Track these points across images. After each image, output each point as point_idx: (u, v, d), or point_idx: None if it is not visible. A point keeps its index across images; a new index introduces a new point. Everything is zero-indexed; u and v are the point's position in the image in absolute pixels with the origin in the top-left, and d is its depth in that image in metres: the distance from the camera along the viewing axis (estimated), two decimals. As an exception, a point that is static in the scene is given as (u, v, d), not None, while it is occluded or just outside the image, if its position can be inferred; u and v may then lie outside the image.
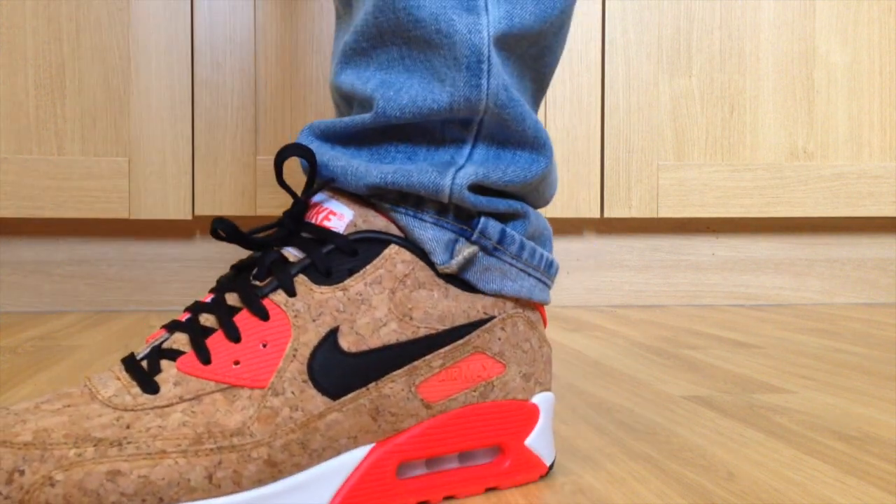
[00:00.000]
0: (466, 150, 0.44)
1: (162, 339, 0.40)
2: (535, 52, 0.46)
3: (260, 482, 0.37)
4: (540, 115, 1.29)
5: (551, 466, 0.48)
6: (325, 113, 1.26)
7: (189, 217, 1.23)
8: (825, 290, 1.38)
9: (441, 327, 0.43)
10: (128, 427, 0.36)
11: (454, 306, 0.43)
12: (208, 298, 0.42)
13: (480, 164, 0.44)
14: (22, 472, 0.34)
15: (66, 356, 0.86)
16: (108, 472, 0.35)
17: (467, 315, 0.44)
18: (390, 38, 0.43)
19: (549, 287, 0.48)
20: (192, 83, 1.24)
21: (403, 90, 0.43)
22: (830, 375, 0.76)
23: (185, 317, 0.41)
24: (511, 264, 0.45)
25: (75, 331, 1.05)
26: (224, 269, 1.29)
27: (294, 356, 0.39)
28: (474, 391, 0.44)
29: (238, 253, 1.29)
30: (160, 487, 0.35)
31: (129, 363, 0.39)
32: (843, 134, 1.34)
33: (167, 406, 0.37)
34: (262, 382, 0.39)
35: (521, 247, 0.46)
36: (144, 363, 0.39)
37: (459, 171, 0.43)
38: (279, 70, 1.26)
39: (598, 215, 1.30)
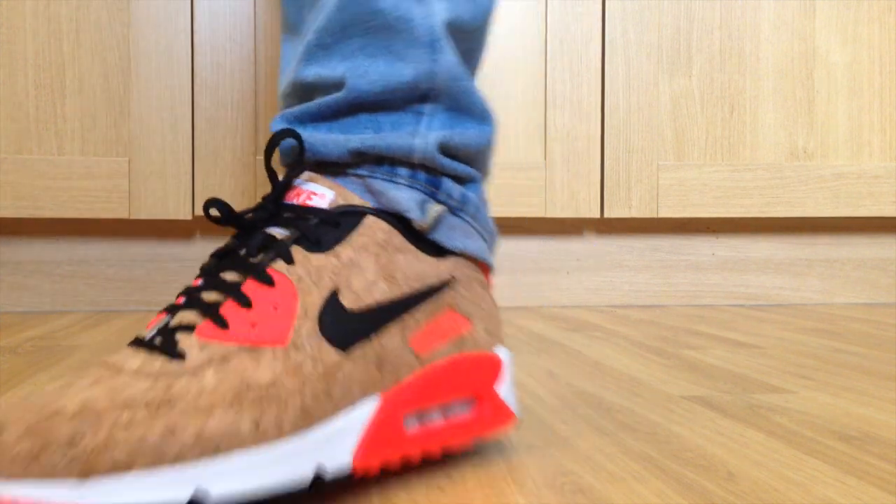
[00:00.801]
0: (429, 117, 0.50)
1: (166, 321, 0.42)
2: (466, 49, 0.53)
3: (297, 428, 0.40)
4: (540, 115, 1.29)
5: (519, 419, 0.49)
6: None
7: (189, 217, 1.23)
8: (825, 290, 1.38)
9: (418, 286, 0.47)
10: (169, 388, 0.38)
11: (426, 268, 0.48)
12: (198, 283, 0.44)
13: (443, 129, 0.50)
14: (83, 436, 0.35)
15: (66, 356, 0.86)
16: (166, 428, 0.36)
17: (437, 276, 0.48)
18: (352, 30, 0.49)
19: (493, 251, 0.54)
20: (192, 83, 1.24)
21: (371, 69, 0.49)
22: (830, 375, 0.76)
23: (181, 300, 0.43)
24: (470, 224, 0.51)
25: (75, 331, 1.05)
26: (224, 269, 1.29)
27: (306, 314, 0.43)
28: (452, 344, 0.48)
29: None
30: (215, 437, 0.37)
31: (141, 343, 0.41)
32: (843, 134, 1.34)
33: (197, 369, 0.39)
34: (282, 340, 0.41)
35: (477, 209, 0.52)
36: (157, 340, 0.41)
37: (428, 134, 0.49)
38: (279, 70, 1.26)
39: (598, 215, 1.30)
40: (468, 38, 0.53)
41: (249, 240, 0.45)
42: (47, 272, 1.26)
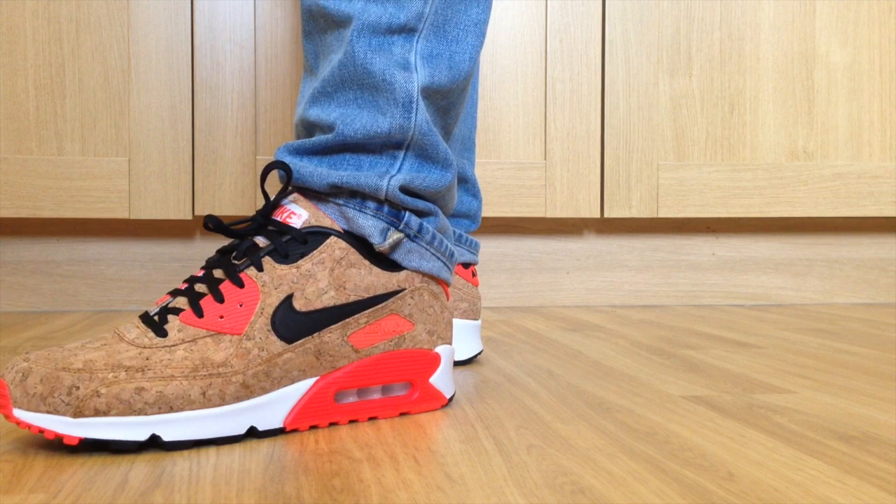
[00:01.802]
0: (398, 163, 0.62)
1: (168, 302, 0.56)
2: (445, 104, 0.64)
3: (237, 399, 0.54)
4: (540, 115, 1.29)
5: (451, 399, 0.65)
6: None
7: (189, 217, 1.23)
8: (825, 290, 1.38)
9: (366, 295, 0.60)
10: (147, 359, 0.52)
11: (376, 280, 0.60)
12: (200, 273, 0.57)
13: (407, 173, 0.62)
14: (77, 388, 0.50)
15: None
16: (136, 388, 0.51)
17: (385, 287, 0.60)
18: (349, 84, 0.61)
19: (451, 270, 0.66)
20: (192, 83, 1.24)
21: (357, 119, 0.60)
22: (830, 375, 0.76)
23: (184, 286, 0.57)
24: (426, 248, 0.63)
25: (75, 331, 1.05)
26: (224, 269, 1.29)
27: (261, 313, 0.56)
28: (391, 342, 0.61)
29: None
30: (170, 399, 0.52)
31: (145, 318, 0.55)
32: (843, 134, 1.34)
33: (173, 346, 0.53)
34: (238, 331, 0.55)
35: (433, 237, 0.63)
36: (156, 318, 0.55)
37: (393, 177, 0.61)
38: (279, 70, 1.26)
39: (598, 215, 1.30)
40: (445, 96, 0.64)
41: (241, 244, 0.58)
42: (47, 272, 1.26)
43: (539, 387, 0.72)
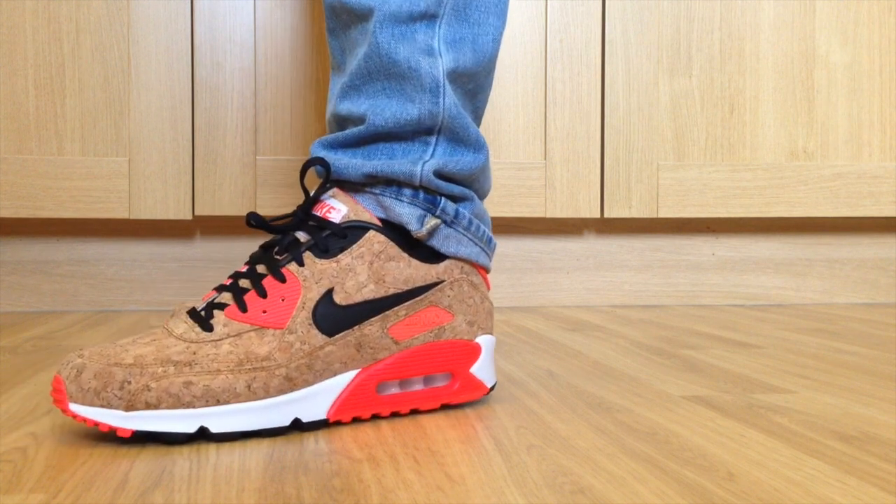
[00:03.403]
0: (430, 148, 0.63)
1: (214, 297, 0.58)
2: (473, 88, 0.65)
3: (281, 391, 0.56)
4: (540, 115, 1.29)
5: (492, 388, 0.65)
6: (323, 112, 1.26)
7: (189, 217, 1.23)
8: (825, 290, 1.38)
9: (405, 287, 0.61)
10: (194, 354, 0.54)
11: (415, 273, 0.61)
12: (244, 269, 0.59)
13: (440, 158, 0.62)
14: (129, 382, 0.53)
15: (66, 356, 0.86)
16: (184, 382, 0.53)
17: (424, 279, 0.61)
18: (376, 75, 0.62)
19: (489, 256, 0.66)
20: (192, 83, 1.24)
21: (387, 109, 0.61)
22: (830, 375, 0.76)
23: (228, 281, 0.59)
24: (463, 234, 0.63)
25: (75, 331, 1.05)
26: (223, 268, 1.29)
27: (303, 307, 0.57)
28: (431, 333, 0.62)
29: (232, 251, 1.29)
30: (217, 392, 0.54)
31: (192, 313, 0.57)
32: (843, 134, 1.34)
33: (218, 340, 0.55)
34: (281, 325, 0.56)
35: (470, 222, 0.64)
36: (202, 313, 0.57)
37: (426, 162, 0.61)
38: (279, 70, 1.26)
39: (598, 215, 1.30)
40: (472, 79, 0.65)
41: (283, 240, 0.59)
42: (47, 272, 1.26)
43: (539, 387, 0.72)
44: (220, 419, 0.54)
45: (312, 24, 1.27)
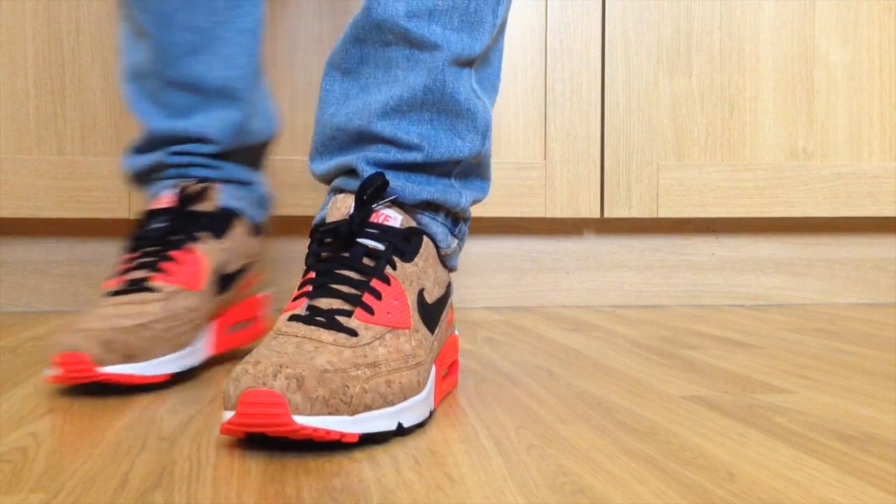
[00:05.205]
0: (471, 181, 0.70)
1: (310, 304, 0.58)
2: None
3: (426, 383, 0.60)
4: (540, 115, 1.29)
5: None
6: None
7: (189, 217, 1.23)
8: (825, 290, 1.38)
9: (447, 290, 0.68)
10: (366, 356, 0.55)
11: (444, 278, 0.68)
12: (312, 275, 0.60)
13: (475, 191, 0.71)
14: (347, 387, 0.52)
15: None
16: (386, 382, 0.55)
17: (447, 280, 0.68)
18: (429, 107, 0.65)
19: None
20: (192, 83, 1.23)
21: (440, 143, 0.66)
22: (830, 375, 0.76)
23: (309, 288, 0.60)
24: (459, 251, 0.71)
25: (75, 331, 1.04)
26: (224, 269, 1.29)
27: (413, 307, 0.61)
28: (451, 328, 0.70)
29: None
30: (406, 388, 0.57)
31: (312, 320, 0.57)
32: (843, 134, 1.34)
33: (370, 343, 0.57)
34: (407, 324, 0.60)
35: (463, 240, 0.72)
36: (322, 318, 0.57)
37: (467, 194, 0.69)
38: (279, 70, 1.26)
39: (598, 215, 1.30)
40: None
41: (349, 248, 0.61)
42: (47, 272, 1.26)
43: (539, 387, 0.72)
44: (407, 414, 0.56)
45: (312, 24, 1.27)
